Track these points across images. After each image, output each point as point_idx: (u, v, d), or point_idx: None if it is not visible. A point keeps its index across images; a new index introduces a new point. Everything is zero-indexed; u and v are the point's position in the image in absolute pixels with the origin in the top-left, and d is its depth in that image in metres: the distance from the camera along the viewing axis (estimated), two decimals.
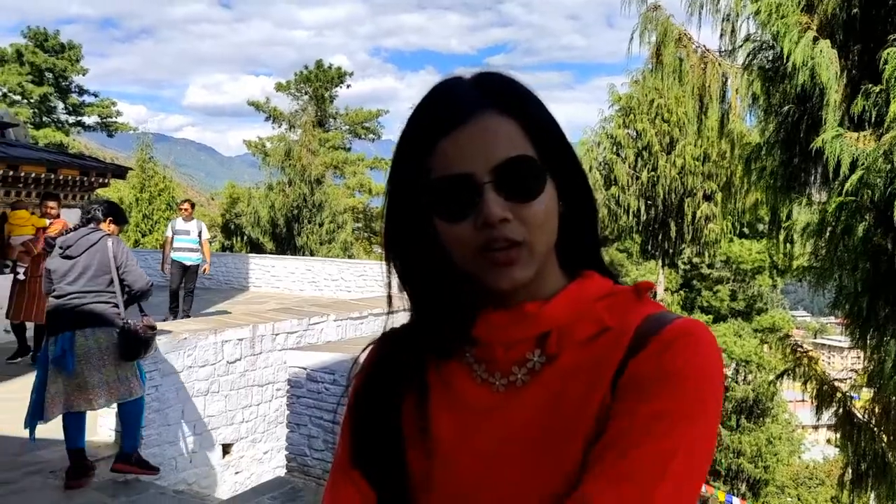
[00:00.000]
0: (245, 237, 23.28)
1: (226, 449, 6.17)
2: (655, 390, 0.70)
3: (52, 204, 7.55)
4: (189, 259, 9.87)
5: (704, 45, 7.28)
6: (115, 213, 4.69)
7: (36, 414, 4.33)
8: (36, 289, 7.26)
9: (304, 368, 5.06)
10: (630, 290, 0.81)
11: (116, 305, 4.39)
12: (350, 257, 21.11)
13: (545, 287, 0.80)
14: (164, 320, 7.96)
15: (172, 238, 9.80)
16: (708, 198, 19.22)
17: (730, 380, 20.59)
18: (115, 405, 4.66)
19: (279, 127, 32.03)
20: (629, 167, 19.51)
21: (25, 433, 5.33)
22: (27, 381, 6.89)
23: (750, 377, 20.56)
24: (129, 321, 4.38)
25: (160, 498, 4.48)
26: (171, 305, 9.70)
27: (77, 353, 4.21)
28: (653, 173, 19.12)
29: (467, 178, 0.73)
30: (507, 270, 0.74)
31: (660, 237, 20.20)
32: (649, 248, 20.99)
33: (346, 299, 13.42)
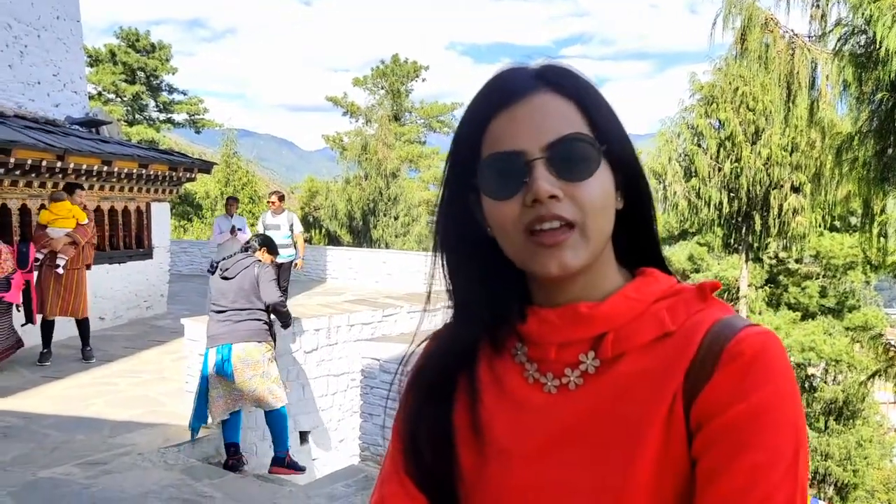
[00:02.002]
0: (323, 230, 23.83)
1: (303, 436, 6.34)
2: (751, 437, 0.66)
3: (84, 193, 7.63)
4: (281, 256, 8.90)
5: (792, 30, 6.97)
6: (269, 245, 5.41)
7: (200, 416, 5.00)
8: (72, 282, 7.21)
9: (378, 360, 5.14)
10: (694, 290, 0.77)
11: (267, 322, 5.05)
12: (424, 250, 21.26)
13: (601, 285, 0.77)
14: None
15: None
16: (796, 189, 18.39)
17: (818, 380, 19.71)
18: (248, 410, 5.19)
19: (356, 121, 32.63)
20: (711, 158, 18.87)
21: (116, 416, 5.66)
22: (118, 366, 7.29)
23: (840, 377, 19.61)
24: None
25: (241, 482, 4.65)
26: None
27: (234, 363, 4.84)
28: (736, 164, 18.44)
29: (518, 154, 0.72)
30: (556, 252, 0.71)
31: (743, 230, 19.47)
32: (732, 241, 20.26)
33: (419, 292, 13.54)
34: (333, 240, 22.72)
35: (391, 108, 32.00)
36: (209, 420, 5.06)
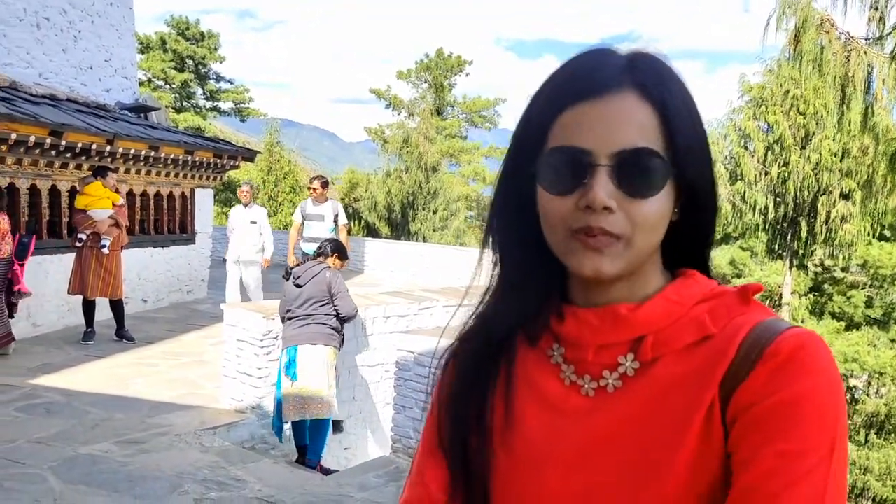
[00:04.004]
0: (362, 221, 23.97)
1: (336, 425, 6.39)
2: (784, 426, 0.64)
3: (115, 176, 7.74)
4: None
5: (848, 32, 6.77)
6: (341, 251, 5.53)
7: (280, 416, 5.14)
8: (111, 263, 7.34)
9: (412, 352, 5.16)
10: (735, 293, 0.75)
11: (334, 327, 5.17)
12: (462, 245, 21.26)
13: (642, 287, 0.75)
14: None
15: (302, 224, 8.26)
16: (845, 196, 17.90)
17: (861, 392, 19.21)
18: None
19: (398, 114, 32.73)
20: (758, 161, 18.47)
21: (155, 397, 5.78)
22: (159, 348, 7.43)
23: (883, 390, 19.08)
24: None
25: (274, 467, 4.71)
26: None
27: (298, 364, 5.01)
28: (784, 168, 18.02)
29: (585, 153, 0.69)
30: (595, 257, 0.70)
31: (788, 236, 19.03)
32: (776, 247, 19.83)
33: (456, 286, 13.54)
34: (372, 231, 22.85)
35: (434, 102, 32.02)
36: (284, 420, 5.18)
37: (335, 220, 8.19)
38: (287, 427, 5.36)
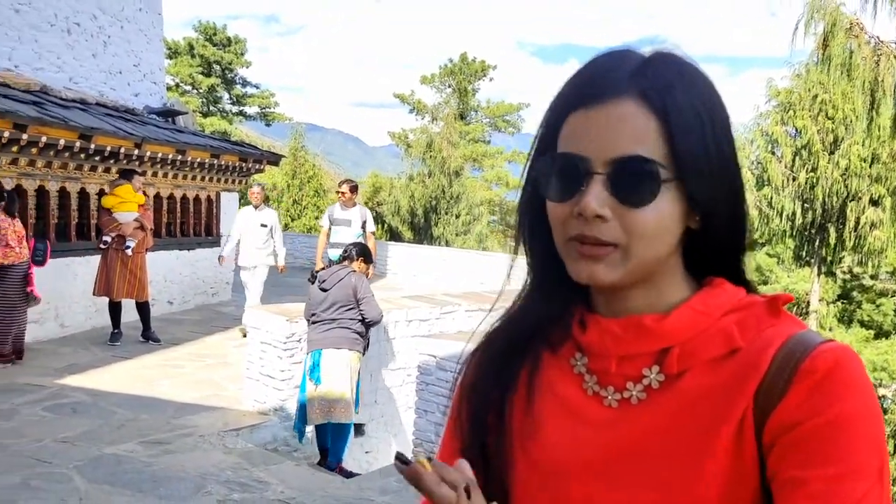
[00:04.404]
0: (385, 225, 24.04)
1: (358, 429, 6.40)
2: (830, 449, 0.63)
3: (142, 179, 7.82)
4: None
5: (878, 37, 6.67)
6: (366, 254, 5.52)
7: (303, 419, 5.14)
8: (136, 265, 7.42)
9: (434, 357, 5.15)
10: (764, 303, 0.73)
11: (359, 332, 5.16)
12: (484, 249, 21.23)
13: (665, 295, 0.74)
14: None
15: (329, 230, 7.93)
16: (875, 202, 17.59)
17: (889, 401, 18.84)
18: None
19: (422, 119, 32.81)
20: (785, 167, 18.24)
21: (180, 398, 5.83)
22: (184, 350, 7.50)
23: None
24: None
25: (296, 469, 4.73)
26: None
27: (322, 367, 5.01)
28: (812, 174, 17.77)
29: (581, 161, 0.68)
30: (589, 266, 0.69)
31: (816, 243, 18.75)
32: (804, 254, 19.56)
33: (478, 290, 13.52)
34: (395, 235, 22.91)
35: (457, 107, 32.05)
36: (308, 423, 5.19)
37: (363, 227, 7.89)
38: (310, 430, 5.38)
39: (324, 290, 5.21)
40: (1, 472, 4.10)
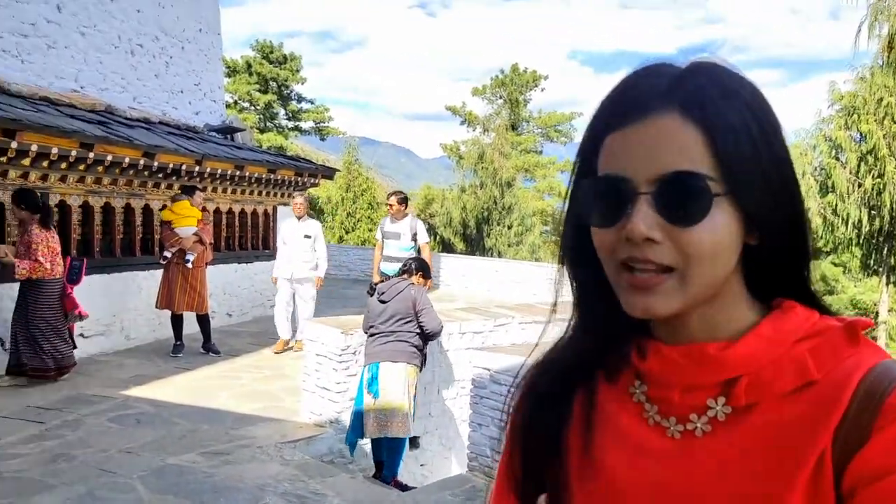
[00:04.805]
0: (438, 237, 24.14)
1: (413, 442, 6.41)
2: None
3: (202, 195, 7.99)
4: (397, 272, 7.91)
5: None
6: (425, 269, 5.58)
7: (356, 431, 5.16)
8: (196, 279, 7.63)
9: (489, 370, 5.12)
10: (841, 330, 0.68)
11: (416, 345, 5.18)
12: (537, 260, 21.09)
13: (729, 321, 0.69)
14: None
15: (382, 243, 7.85)
16: None
17: None
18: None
19: (473, 130, 32.90)
20: (850, 173, 17.59)
21: (238, 409, 5.93)
22: (242, 361, 7.64)
23: None
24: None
25: (352, 482, 4.75)
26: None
27: (380, 381, 5.03)
28: (879, 180, 17.09)
29: (624, 182, 0.65)
30: (643, 297, 0.65)
31: (885, 251, 18.00)
32: (871, 262, 18.80)
33: (531, 302, 13.42)
34: (447, 247, 22.98)
35: (509, 118, 32.04)
36: (362, 435, 5.21)
37: (414, 238, 7.73)
38: (365, 443, 5.40)
39: (383, 301, 5.24)
40: (69, 482, 4.23)
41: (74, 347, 6.69)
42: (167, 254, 7.53)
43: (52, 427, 5.22)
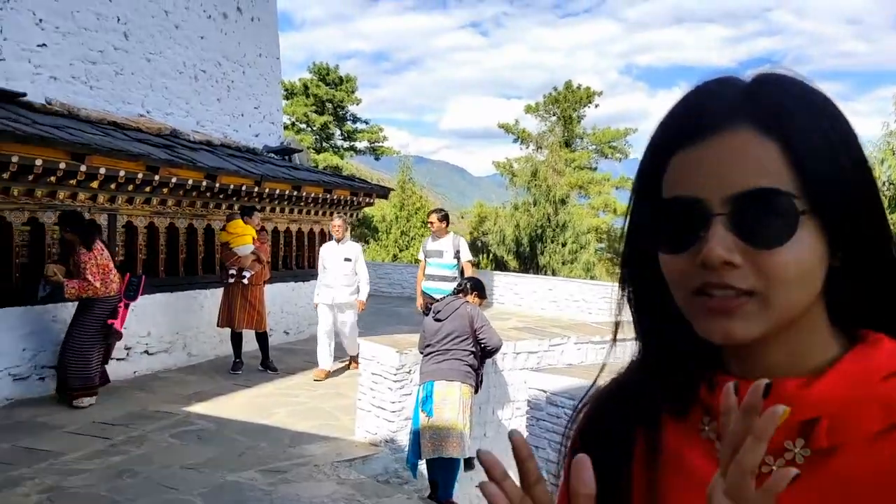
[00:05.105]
0: (491, 254, 24.09)
1: (468, 463, 6.36)
2: None
3: (259, 216, 8.18)
4: (440, 291, 7.24)
5: None
6: (480, 289, 5.54)
7: (416, 452, 5.14)
8: (255, 297, 7.79)
9: (545, 391, 5.06)
10: None
11: (471, 365, 5.14)
12: (592, 278, 20.82)
13: (809, 354, 0.65)
14: None
15: (425, 262, 7.71)
16: None
17: None
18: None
19: (526, 148, 32.82)
20: None
21: (295, 427, 5.99)
22: (299, 379, 7.73)
23: None
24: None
25: (407, 502, 4.74)
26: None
27: (434, 400, 5.01)
28: None
29: (696, 203, 0.61)
30: (723, 321, 0.61)
31: None
32: None
33: (586, 321, 13.24)
34: (500, 265, 22.90)
35: (562, 135, 31.88)
36: (420, 457, 5.19)
37: (456, 257, 7.54)
38: (421, 463, 5.38)
39: (438, 320, 5.24)
40: (133, 498, 4.34)
41: (105, 363, 6.65)
42: (232, 271, 7.68)
43: (118, 443, 5.38)
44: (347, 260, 7.76)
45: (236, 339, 7.90)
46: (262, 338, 7.97)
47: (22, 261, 6.48)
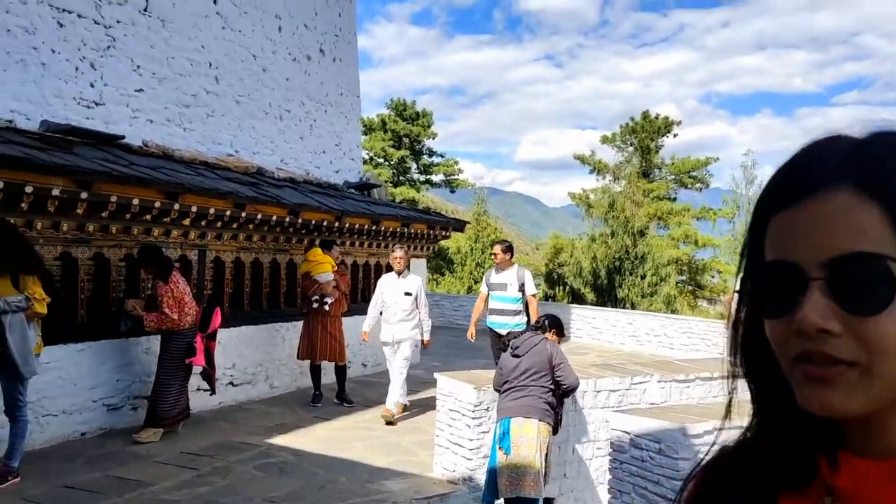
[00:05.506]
0: (567, 287, 23.79)
1: (547, 503, 6.23)
2: None
3: (339, 249, 8.35)
4: (503, 325, 7.23)
5: None
6: (558, 326, 5.47)
7: (492, 491, 5.07)
8: (335, 329, 7.89)
9: (628, 433, 4.91)
10: None
11: (549, 403, 5.06)
12: (673, 312, 20.25)
13: None
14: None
15: (488, 295, 7.58)
16: None
17: None
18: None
19: (603, 178, 32.48)
20: None
21: (373, 462, 6.01)
22: (376, 412, 7.77)
23: None
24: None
25: None
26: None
27: (512, 437, 4.95)
28: None
29: (792, 267, 0.59)
30: (820, 390, 0.58)
31: None
32: None
33: (668, 356, 12.84)
34: (577, 298, 22.56)
35: (640, 165, 31.41)
36: (497, 496, 5.11)
37: (521, 290, 7.30)
38: (498, 502, 5.29)
39: (516, 356, 5.19)
40: None
41: (213, 394, 6.93)
42: (316, 297, 7.81)
43: (204, 473, 5.53)
44: (408, 294, 7.45)
45: (316, 372, 8.03)
46: (340, 370, 8.08)
47: (118, 295, 6.81)
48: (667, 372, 6.84)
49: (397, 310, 7.45)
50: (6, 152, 5.34)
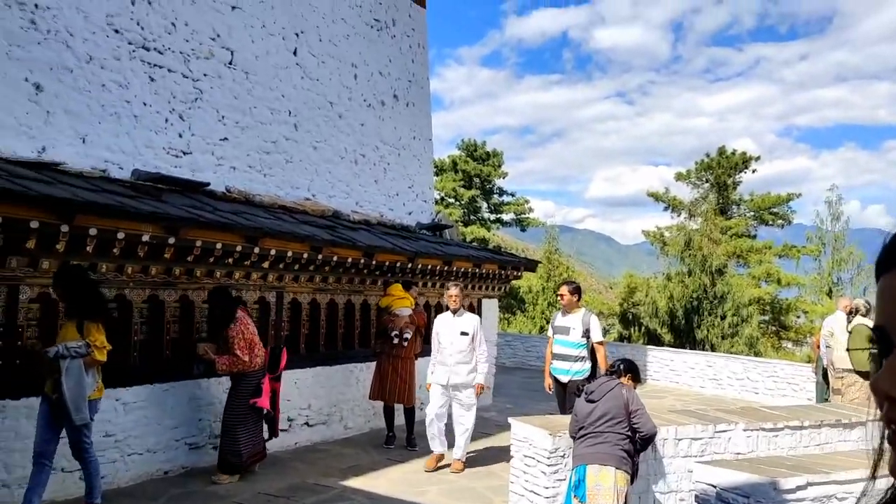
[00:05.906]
0: (643, 328, 23.19)
1: None
2: None
3: (417, 290, 8.49)
4: (564, 371, 6.95)
5: None
6: (634, 371, 5.35)
7: None
8: (406, 371, 7.87)
9: (714, 486, 4.68)
10: None
11: (626, 450, 4.91)
12: (756, 354, 19.41)
13: None
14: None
15: (552, 339, 7.15)
16: None
17: None
18: None
19: (678, 216, 31.78)
20: None
21: (418, 500, 5.90)
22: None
23: None
24: None
25: None
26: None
27: (587, 484, 4.84)
28: None
29: (880, 331, 0.60)
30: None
31: None
32: None
33: (752, 401, 12.28)
34: (653, 339, 21.95)
35: (717, 202, 30.61)
36: None
37: (585, 335, 6.90)
38: None
39: (591, 401, 5.07)
40: None
41: (270, 437, 6.78)
42: (396, 332, 7.91)
43: None
44: (464, 334, 7.09)
45: (389, 413, 8.04)
46: (409, 413, 8.05)
47: (200, 336, 7.03)
48: (753, 419, 6.53)
49: (453, 351, 7.09)
50: (100, 200, 5.65)
